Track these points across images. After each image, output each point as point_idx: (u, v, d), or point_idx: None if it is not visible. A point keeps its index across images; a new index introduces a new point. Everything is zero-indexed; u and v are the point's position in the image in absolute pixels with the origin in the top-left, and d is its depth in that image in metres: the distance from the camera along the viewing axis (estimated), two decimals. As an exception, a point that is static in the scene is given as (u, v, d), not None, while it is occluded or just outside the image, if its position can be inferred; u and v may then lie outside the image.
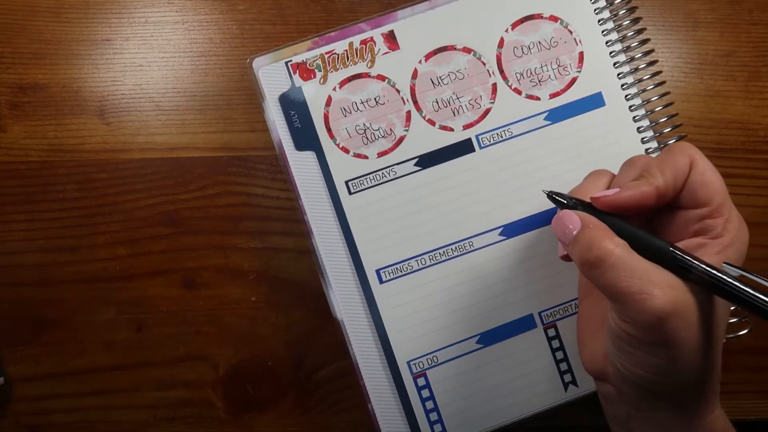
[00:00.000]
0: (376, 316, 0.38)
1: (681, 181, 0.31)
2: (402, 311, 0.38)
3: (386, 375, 0.38)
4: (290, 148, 0.38)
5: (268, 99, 0.38)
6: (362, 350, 0.38)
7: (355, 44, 0.38)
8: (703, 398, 0.30)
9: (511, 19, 0.38)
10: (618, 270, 0.28)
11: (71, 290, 0.41)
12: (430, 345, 0.38)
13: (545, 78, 0.38)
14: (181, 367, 0.36)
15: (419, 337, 0.38)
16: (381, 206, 0.38)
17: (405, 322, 0.38)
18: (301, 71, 0.38)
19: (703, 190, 0.30)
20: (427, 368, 0.38)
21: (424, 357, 0.38)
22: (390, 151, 0.38)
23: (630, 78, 0.38)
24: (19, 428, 0.41)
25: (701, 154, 0.31)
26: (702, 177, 0.31)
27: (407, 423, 0.38)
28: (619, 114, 0.38)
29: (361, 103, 0.38)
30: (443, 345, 0.38)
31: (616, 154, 0.38)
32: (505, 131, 0.38)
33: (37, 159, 0.41)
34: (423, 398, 0.38)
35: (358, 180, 0.38)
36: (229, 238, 0.41)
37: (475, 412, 0.38)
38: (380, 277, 0.38)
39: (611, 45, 0.38)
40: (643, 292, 0.28)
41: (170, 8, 0.41)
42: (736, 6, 0.42)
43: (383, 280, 0.38)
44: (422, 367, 0.38)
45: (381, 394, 0.38)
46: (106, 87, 0.41)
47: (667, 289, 0.28)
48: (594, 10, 0.38)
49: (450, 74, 0.38)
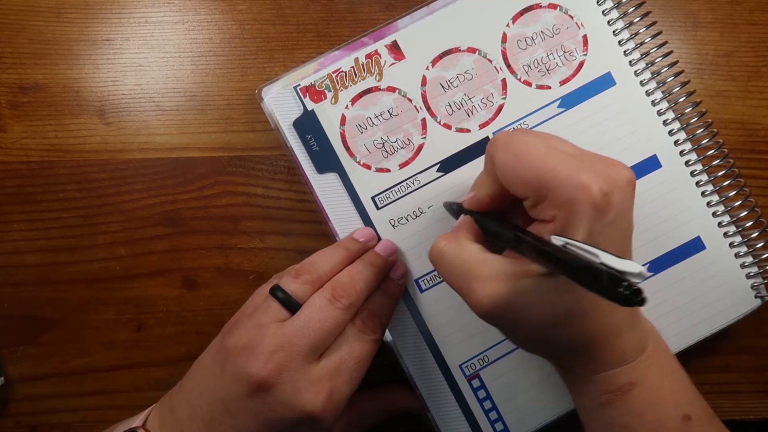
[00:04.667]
0: (421, 325, 0.38)
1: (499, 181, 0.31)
2: (445, 316, 0.38)
3: (441, 381, 0.38)
4: (312, 173, 0.38)
5: (282, 126, 0.38)
6: (413, 359, 0.38)
7: (360, 59, 0.38)
8: (586, 359, 0.31)
9: (510, 13, 0.38)
10: (445, 265, 0.31)
11: (71, 290, 0.41)
12: (479, 346, 0.38)
13: (553, 66, 0.38)
14: (181, 367, 0.36)
15: (467, 339, 0.38)
16: (410, 215, 0.38)
17: (450, 327, 0.38)
18: (311, 94, 0.38)
19: (511, 188, 0.30)
20: (479, 369, 0.38)
21: (475, 358, 0.38)
22: (411, 160, 0.38)
23: (636, 53, 0.38)
24: (19, 428, 0.41)
25: (503, 148, 0.30)
26: (504, 178, 0.30)
27: (468, 425, 0.38)
28: (632, 90, 0.38)
29: (375, 117, 0.38)
30: (492, 344, 0.38)
31: (634, 131, 0.38)
32: (521, 124, 0.38)
33: (37, 159, 0.41)
34: (480, 399, 0.38)
35: (383, 194, 0.38)
36: (229, 238, 0.41)
37: (533, 406, 0.38)
38: (420, 287, 0.38)
39: (613, 24, 0.38)
40: (463, 288, 0.30)
41: (170, 8, 0.41)
42: (736, 6, 0.42)
43: (423, 289, 0.38)
44: (475, 368, 0.38)
45: (438, 401, 0.38)
46: (106, 87, 0.41)
47: (489, 282, 0.29)
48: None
49: (458, 76, 0.38)
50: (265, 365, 0.31)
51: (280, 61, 0.41)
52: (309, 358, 0.32)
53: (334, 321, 0.32)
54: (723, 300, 0.38)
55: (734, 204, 0.38)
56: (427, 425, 0.39)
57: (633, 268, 0.23)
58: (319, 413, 0.31)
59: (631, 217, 0.30)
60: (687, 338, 0.38)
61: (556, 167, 0.28)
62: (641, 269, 0.23)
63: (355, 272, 0.35)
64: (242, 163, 0.41)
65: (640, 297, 0.22)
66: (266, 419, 0.31)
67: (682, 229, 0.38)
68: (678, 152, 0.38)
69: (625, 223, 0.29)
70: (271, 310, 0.33)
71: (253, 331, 0.32)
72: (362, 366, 0.34)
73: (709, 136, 0.38)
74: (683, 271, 0.38)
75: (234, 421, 0.31)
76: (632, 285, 0.22)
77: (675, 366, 0.33)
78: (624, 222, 0.29)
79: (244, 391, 0.31)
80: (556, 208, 0.28)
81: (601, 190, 0.27)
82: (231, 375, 0.31)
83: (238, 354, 0.32)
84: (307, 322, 0.32)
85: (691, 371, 0.33)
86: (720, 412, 0.33)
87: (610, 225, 0.28)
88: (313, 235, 0.41)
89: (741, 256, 0.38)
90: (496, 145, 0.30)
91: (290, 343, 0.31)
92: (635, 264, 0.23)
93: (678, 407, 0.31)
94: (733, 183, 0.38)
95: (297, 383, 0.31)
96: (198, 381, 0.34)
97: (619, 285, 0.22)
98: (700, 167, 0.38)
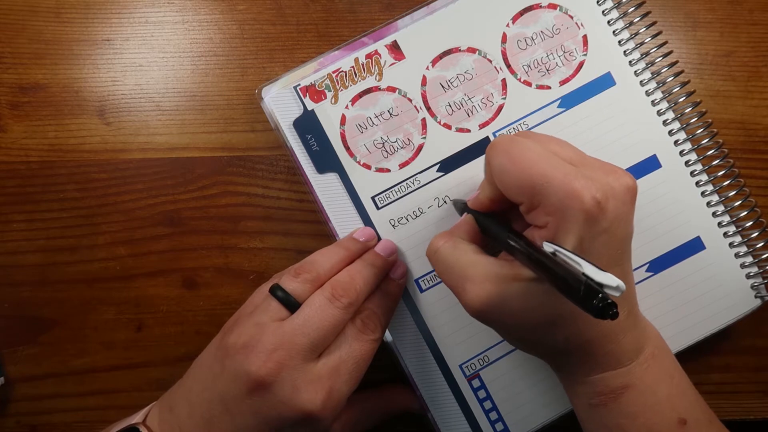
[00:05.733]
0: (421, 325, 0.38)
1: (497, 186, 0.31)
2: (445, 316, 0.38)
3: (441, 381, 0.38)
4: (312, 172, 0.38)
5: (282, 126, 0.38)
6: (413, 360, 0.38)
7: (360, 59, 0.38)
8: (580, 362, 0.31)
9: (510, 13, 0.38)
10: (440, 264, 0.32)
11: (71, 290, 0.41)
12: (479, 346, 0.38)
13: (553, 66, 0.38)
14: (181, 367, 0.36)
15: (467, 339, 0.38)
16: (410, 215, 0.38)
17: (450, 327, 0.38)
18: (311, 94, 0.38)
19: (507, 192, 0.30)
20: (479, 369, 0.38)
21: (475, 358, 0.38)
22: (411, 160, 0.38)
23: (636, 53, 0.38)
24: (19, 428, 0.41)
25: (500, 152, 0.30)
26: (500, 182, 0.30)
27: (468, 425, 0.38)
28: (631, 90, 0.38)
29: (375, 117, 0.38)
30: (492, 344, 0.38)
31: (634, 131, 0.38)
32: (521, 124, 0.38)
33: (37, 159, 0.41)
34: (480, 399, 0.38)
35: (384, 194, 0.38)
36: (229, 238, 0.41)
37: (533, 406, 0.38)
38: (420, 287, 0.38)
39: (613, 24, 0.38)
40: (456, 287, 0.31)
41: (170, 8, 0.41)
42: (736, 6, 0.42)
43: (423, 289, 0.38)
44: (475, 368, 0.38)
45: (438, 401, 0.38)
46: (106, 87, 0.41)
47: (481, 284, 0.30)
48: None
49: (459, 76, 0.38)
50: (264, 364, 0.31)
51: (280, 61, 0.41)
52: (308, 357, 0.32)
53: (333, 320, 0.33)
54: (723, 300, 0.38)
55: (734, 204, 0.38)
56: (427, 425, 0.39)
57: (611, 281, 0.24)
58: (318, 412, 0.31)
59: (629, 224, 0.30)
60: (687, 338, 0.38)
61: (550, 173, 0.28)
62: (618, 283, 0.24)
63: (355, 272, 0.35)
64: (242, 163, 0.41)
65: (612, 311, 0.23)
66: (265, 417, 0.31)
67: (682, 229, 0.38)
68: (678, 152, 0.38)
69: (621, 230, 0.29)
70: (271, 309, 0.33)
71: (253, 330, 0.32)
72: (362, 366, 0.34)
73: (709, 136, 0.38)
74: (683, 271, 0.38)
75: (232, 419, 0.31)
76: (606, 298, 0.23)
77: (673, 370, 0.33)
78: (620, 229, 0.29)
79: (243, 390, 0.31)
80: (549, 215, 0.28)
81: (594, 198, 0.27)
82: (230, 373, 0.32)
83: (237, 352, 0.32)
84: (306, 321, 0.32)
85: (691, 371, 0.33)
86: (720, 412, 0.33)
87: (604, 233, 0.28)
88: (313, 235, 0.41)
89: (741, 256, 0.38)
90: (494, 149, 0.30)
91: (290, 342, 0.31)
92: (614, 278, 0.24)
93: (673, 411, 0.31)
94: (733, 183, 0.38)
95: (296, 382, 0.31)
96: (197, 379, 0.34)
97: (595, 297, 0.23)
98: (700, 167, 0.38)
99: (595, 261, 0.27)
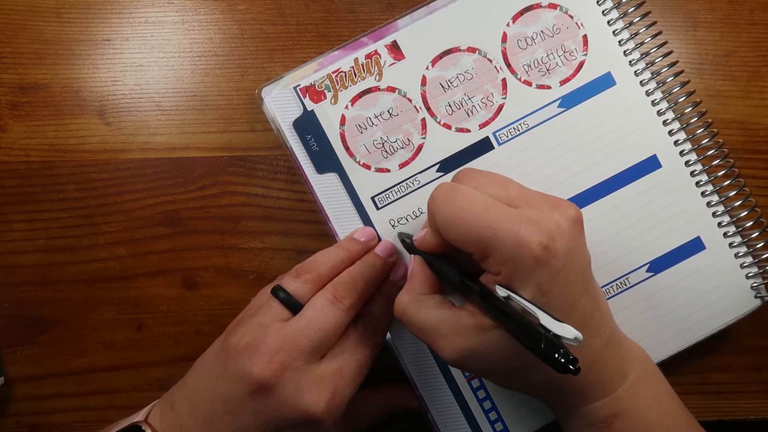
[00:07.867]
0: None
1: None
2: None
3: (441, 381, 0.38)
4: (312, 172, 0.38)
5: (282, 126, 0.38)
6: (413, 359, 0.38)
7: (360, 59, 0.38)
8: (570, 394, 0.31)
9: (510, 12, 0.38)
10: (411, 326, 0.32)
11: (71, 290, 0.41)
12: None
13: (553, 66, 0.38)
14: (181, 367, 0.36)
15: None
16: (410, 216, 0.38)
17: None
18: (311, 94, 0.38)
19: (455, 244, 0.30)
20: None
21: None
22: (411, 161, 0.38)
23: (636, 53, 0.38)
24: (19, 428, 0.41)
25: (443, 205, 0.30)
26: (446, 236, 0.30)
27: (468, 425, 0.38)
28: (632, 90, 0.38)
29: (375, 118, 0.38)
30: None
31: (634, 131, 0.38)
32: (522, 124, 0.38)
33: (37, 159, 0.41)
34: (480, 399, 0.38)
35: (383, 194, 0.38)
36: (229, 238, 0.41)
37: (533, 406, 0.38)
38: None
39: (613, 24, 0.38)
40: (431, 344, 0.31)
41: (170, 8, 0.41)
42: (736, 6, 0.42)
43: None
44: None
45: (438, 401, 0.38)
46: (106, 87, 0.41)
47: (452, 340, 0.30)
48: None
49: (458, 76, 0.38)
50: (267, 365, 0.31)
51: (280, 61, 0.41)
52: (311, 358, 0.32)
53: (335, 322, 0.33)
54: (723, 300, 0.38)
55: (734, 204, 0.38)
56: (427, 425, 0.39)
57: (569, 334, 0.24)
58: (322, 414, 0.31)
59: (583, 253, 0.30)
60: (687, 338, 0.38)
61: (496, 224, 0.28)
62: (576, 334, 0.24)
63: (356, 273, 0.35)
64: (242, 163, 0.41)
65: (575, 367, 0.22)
66: (267, 418, 0.31)
67: (682, 229, 0.38)
68: (678, 152, 0.38)
69: (577, 262, 0.29)
70: (273, 310, 0.33)
71: (256, 331, 0.32)
72: (364, 368, 0.34)
73: (709, 136, 0.38)
74: (683, 271, 0.38)
75: (234, 419, 0.32)
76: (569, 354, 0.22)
77: (662, 393, 0.33)
78: (576, 262, 0.29)
79: (245, 391, 0.31)
80: (501, 265, 0.28)
81: (541, 243, 0.27)
82: (233, 374, 0.32)
83: (240, 353, 0.32)
84: (309, 323, 0.32)
85: (691, 371, 0.33)
86: (720, 413, 0.33)
87: (561, 271, 0.28)
88: (313, 235, 0.41)
89: (741, 256, 0.38)
90: (436, 202, 0.30)
91: (293, 344, 0.31)
92: (572, 329, 0.24)
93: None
94: (733, 183, 0.38)
95: (300, 384, 0.31)
96: (199, 379, 0.34)
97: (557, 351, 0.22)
98: (700, 167, 0.38)
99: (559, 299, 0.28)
